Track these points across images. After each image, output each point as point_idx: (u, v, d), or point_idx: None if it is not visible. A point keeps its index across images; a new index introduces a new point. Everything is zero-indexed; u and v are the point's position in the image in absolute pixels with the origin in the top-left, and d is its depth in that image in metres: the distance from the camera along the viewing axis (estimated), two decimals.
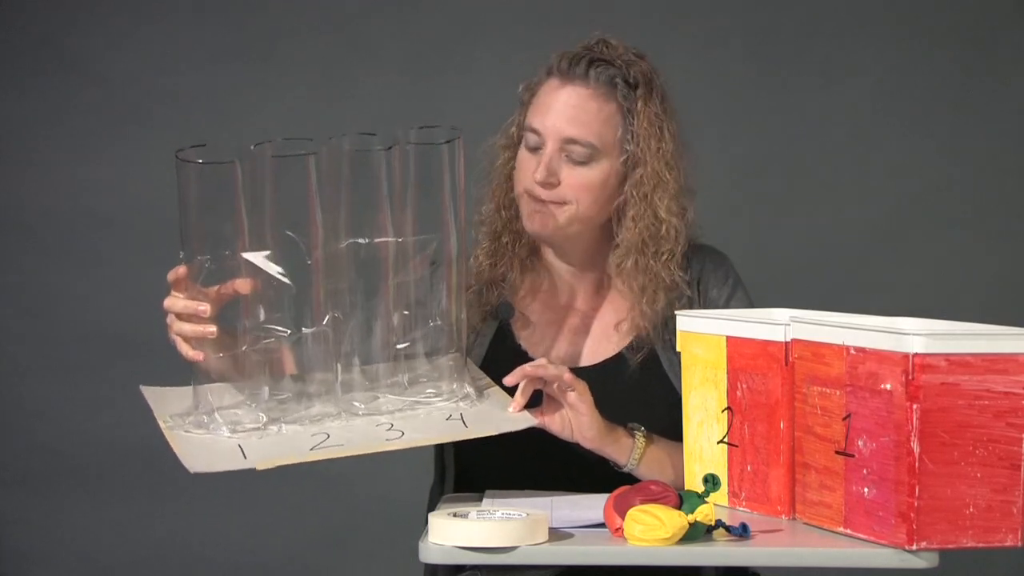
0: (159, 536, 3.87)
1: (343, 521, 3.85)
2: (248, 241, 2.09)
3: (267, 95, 3.80)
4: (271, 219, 2.08)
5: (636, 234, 2.32)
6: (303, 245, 2.10)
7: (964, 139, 3.86)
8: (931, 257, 3.85)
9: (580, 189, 2.30)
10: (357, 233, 2.12)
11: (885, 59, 3.86)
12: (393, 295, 2.16)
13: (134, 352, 3.81)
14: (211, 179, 2.07)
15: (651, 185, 2.31)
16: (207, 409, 2.12)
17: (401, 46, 3.85)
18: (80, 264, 3.86)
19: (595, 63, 2.31)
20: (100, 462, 3.84)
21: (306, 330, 2.12)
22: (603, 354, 2.37)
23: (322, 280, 2.11)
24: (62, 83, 3.84)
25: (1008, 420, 1.81)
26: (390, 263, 2.14)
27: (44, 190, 3.85)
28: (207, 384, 2.14)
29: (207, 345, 2.11)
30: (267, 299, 2.09)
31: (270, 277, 2.09)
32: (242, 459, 2.04)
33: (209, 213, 2.08)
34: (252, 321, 2.10)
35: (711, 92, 3.74)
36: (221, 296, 2.11)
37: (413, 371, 2.19)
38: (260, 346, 2.10)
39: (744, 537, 1.88)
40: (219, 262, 2.09)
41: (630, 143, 2.31)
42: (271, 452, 2.05)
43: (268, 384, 2.12)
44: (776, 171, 3.86)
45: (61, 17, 3.85)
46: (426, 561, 1.86)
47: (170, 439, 2.10)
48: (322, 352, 2.13)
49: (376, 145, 2.11)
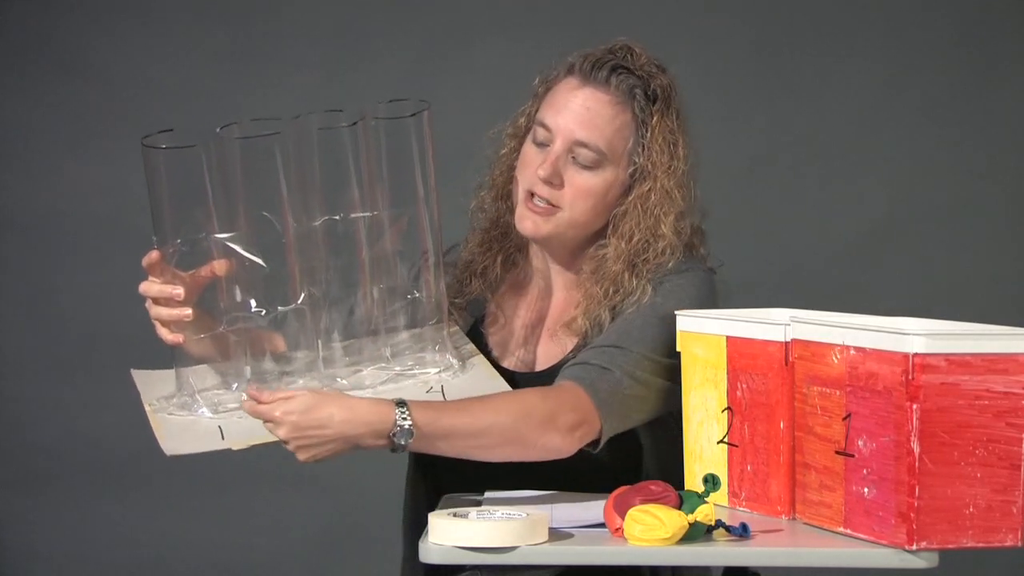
0: (159, 536, 3.87)
1: (342, 521, 3.85)
2: (220, 223, 2.10)
3: (267, 95, 3.80)
4: (242, 201, 2.09)
5: (632, 246, 2.27)
6: (278, 225, 2.11)
7: (964, 139, 3.86)
8: (931, 257, 3.85)
9: (580, 194, 2.27)
10: (331, 210, 2.13)
11: (885, 59, 3.86)
12: (370, 269, 2.16)
13: (134, 352, 3.80)
14: (178, 164, 2.08)
15: (657, 200, 2.26)
16: (190, 391, 2.13)
17: (401, 46, 3.85)
18: (80, 264, 3.86)
19: (617, 70, 2.28)
20: (100, 462, 3.85)
21: (283, 308, 2.12)
22: (553, 358, 2.33)
23: (298, 258, 2.12)
24: (62, 83, 3.84)
25: (1008, 420, 1.81)
26: (364, 238, 2.15)
27: (44, 190, 3.85)
28: (190, 367, 2.15)
29: (186, 328, 2.12)
30: (242, 280, 2.11)
31: (243, 258, 2.10)
32: (219, 440, 2.05)
33: (179, 198, 2.09)
34: (228, 302, 2.11)
35: (711, 92, 3.74)
36: (198, 279, 2.12)
37: (395, 343, 2.19)
38: (237, 327, 2.11)
39: (744, 537, 1.88)
40: (192, 246, 2.10)
41: (640, 156, 2.27)
42: (249, 432, 2.05)
43: (249, 364, 2.13)
44: (776, 171, 3.86)
45: (61, 17, 3.85)
46: (426, 561, 1.86)
47: (152, 422, 2.12)
48: (301, 329, 2.14)
49: (343, 121, 2.11)
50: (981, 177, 3.85)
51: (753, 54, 3.86)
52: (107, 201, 3.84)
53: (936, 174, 3.86)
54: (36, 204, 3.85)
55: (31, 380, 3.85)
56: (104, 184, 3.84)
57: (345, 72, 3.85)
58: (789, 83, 3.86)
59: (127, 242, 3.85)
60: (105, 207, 3.84)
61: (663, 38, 3.78)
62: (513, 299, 2.39)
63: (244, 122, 2.09)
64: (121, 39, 3.85)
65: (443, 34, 3.86)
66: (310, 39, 3.86)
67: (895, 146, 3.87)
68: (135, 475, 3.84)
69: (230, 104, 3.78)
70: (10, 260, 3.86)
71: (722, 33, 3.85)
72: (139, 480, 3.85)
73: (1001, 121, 3.86)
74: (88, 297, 3.85)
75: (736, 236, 2.47)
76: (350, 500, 3.83)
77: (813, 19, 3.86)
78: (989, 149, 3.87)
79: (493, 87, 2.90)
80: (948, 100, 3.86)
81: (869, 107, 3.86)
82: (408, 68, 3.85)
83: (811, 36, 3.86)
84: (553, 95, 2.30)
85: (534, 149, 2.29)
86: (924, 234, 3.86)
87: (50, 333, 3.86)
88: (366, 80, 3.82)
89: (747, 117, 3.84)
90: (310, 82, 3.82)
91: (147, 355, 3.95)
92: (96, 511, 3.86)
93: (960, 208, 3.86)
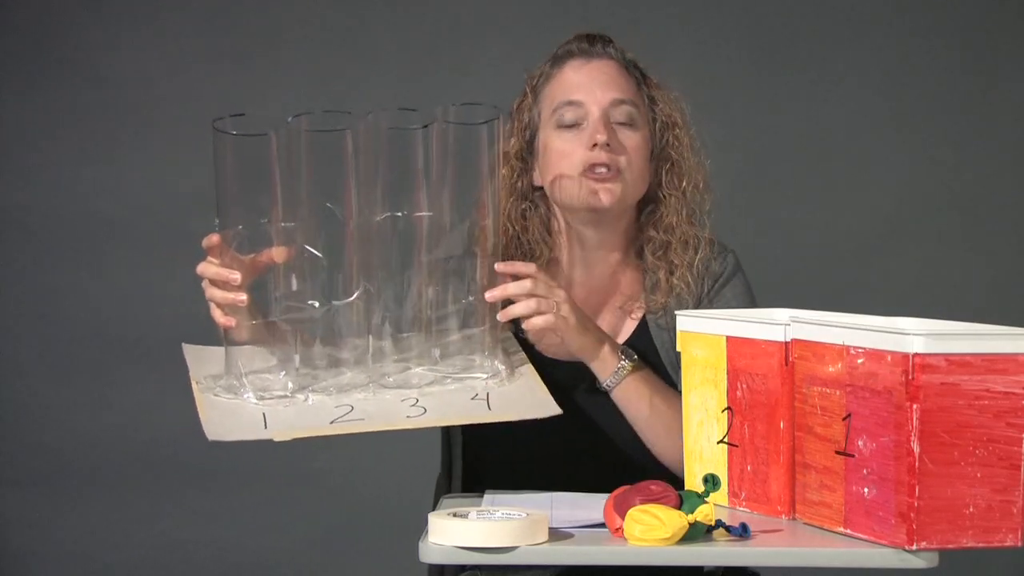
0: (159, 536, 3.87)
1: (343, 521, 3.85)
2: (283, 212, 2.11)
3: (267, 95, 3.80)
4: (307, 191, 2.11)
5: (680, 195, 2.35)
6: (340, 216, 2.12)
7: (964, 139, 3.87)
8: (931, 257, 3.85)
9: (635, 153, 2.31)
10: (394, 207, 2.14)
11: (885, 59, 3.86)
12: (428, 270, 2.17)
13: (134, 352, 3.82)
14: (246, 150, 2.09)
15: (688, 148, 2.36)
16: (237, 373, 2.13)
17: (401, 46, 3.85)
18: (81, 265, 3.86)
19: (608, 42, 2.34)
20: (100, 462, 3.85)
21: (337, 303, 2.13)
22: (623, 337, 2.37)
23: (357, 252, 2.13)
24: (62, 84, 3.84)
25: (1008, 420, 1.81)
26: (425, 238, 2.16)
27: (45, 191, 3.85)
28: (239, 347, 2.15)
29: (239, 312, 2.12)
30: (299, 270, 2.12)
31: (302, 248, 2.11)
32: (262, 429, 2.05)
33: (244, 183, 2.10)
34: (284, 290, 2.12)
35: (711, 92, 3.74)
36: (256, 264, 2.13)
37: (445, 344, 2.20)
38: (290, 316, 2.12)
39: (744, 537, 1.88)
40: (253, 231, 2.11)
41: (656, 112, 2.35)
42: (292, 423, 2.06)
43: (299, 352, 2.14)
44: (776, 171, 3.86)
45: (61, 17, 3.85)
46: (426, 561, 1.86)
47: (198, 401, 2.12)
48: (353, 324, 2.15)
49: (414, 123, 2.13)
50: (981, 177, 3.86)
51: (753, 54, 3.86)
52: (107, 201, 3.84)
53: (936, 174, 3.86)
54: (36, 204, 3.85)
55: (31, 380, 3.85)
56: (104, 184, 3.84)
57: (345, 72, 3.85)
58: (789, 83, 3.86)
59: (127, 242, 3.87)
60: (105, 207, 3.84)
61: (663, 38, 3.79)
62: None
63: (316, 113, 2.10)
64: (121, 39, 3.85)
65: (443, 34, 3.86)
66: (310, 40, 3.86)
67: (895, 146, 3.87)
68: (135, 475, 3.84)
69: (230, 104, 3.78)
70: (10, 260, 3.86)
71: (722, 33, 3.85)
72: (139, 480, 3.85)
73: (1001, 121, 3.86)
74: (88, 297, 3.85)
75: (736, 236, 2.48)
76: (351, 500, 3.83)
77: (813, 19, 3.86)
78: (989, 149, 3.87)
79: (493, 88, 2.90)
80: (948, 100, 3.86)
81: (869, 107, 3.86)
82: (408, 68, 3.85)
83: (811, 36, 3.86)
84: (561, 81, 2.33)
85: (567, 135, 2.31)
86: (924, 234, 3.86)
87: (50, 333, 3.86)
88: (366, 80, 3.82)
89: (747, 117, 3.84)
90: (310, 82, 3.82)
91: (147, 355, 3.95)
92: (96, 511, 3.86)
93: (960, 208, 3.86)
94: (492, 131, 2.15)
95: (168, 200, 3.80)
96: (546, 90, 2.35)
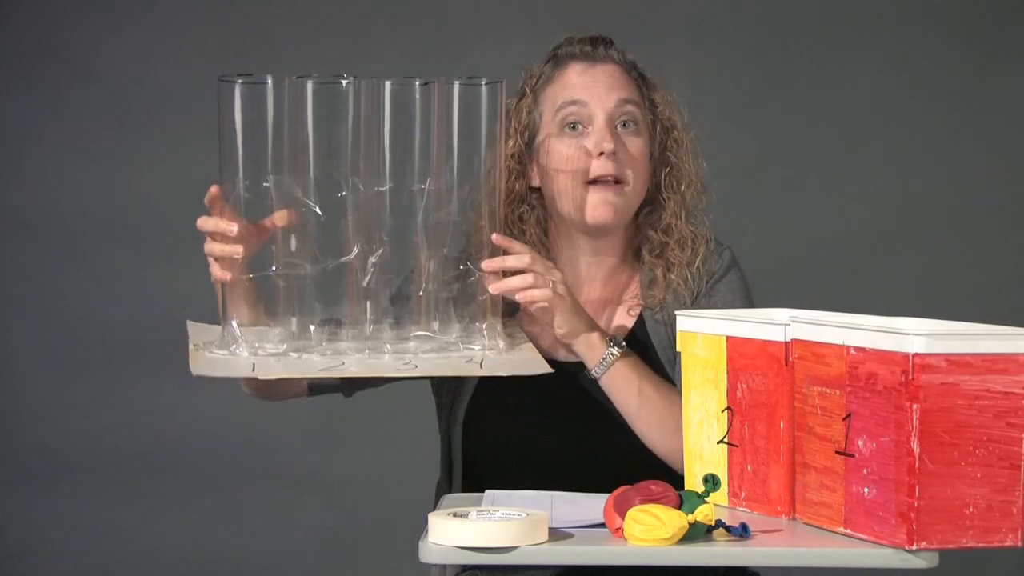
0: (159, 536, 3.87)
1: (343, 521, 3.85)
2: (286, 168, 2.12)
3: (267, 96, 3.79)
4: (310, 150, 2.12)
5: (679, 198, 2.34)
6: (343, 182, 2.13)
7: (964, 139, 3.86)
8: (931, 257, 3.85)
9: (638, 160, 2.31)
10: (396, 174, 2.14)
11: (885, 59, 3.86)
12: (427, 238, 2.17)
13: (134, 352, 3.82)
14: (249, 104, 2.13)
15: (687, 150, 2.35)
16: (233, 334, 2.15)
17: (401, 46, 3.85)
18: (80, 264, 3.86)
19: (609, 44, 2.33)
20: (100, 462, 3.85)
21: (334, 261, 2.14)
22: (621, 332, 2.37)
23: (356, 215, 2.14)
24: (61, 83, 3.84)
25: (1008, 420, 1.81)
26: (424, 207, 2.16)
27: (43, 190, 3.85)
28: (236, 322, 2.16)
29: (235, 267, 2.13)
30: (297, 228, 2.13)
31: (300, 202, 2.12)
32: (249, 369, 2.08)
33: (246, 138, 2.12)
34: (282, 249, 2.13)
35: (711, 92, 3.74)
36: (261, 229, 2.14)
37: (445, 316, 2.20)
38: (287, 271, 2.13)
39: (744, 537, 1.88)
40: (254, 188, 2.13)
41: (655, 115, 2.35)
42: (281, 368, 2.09)
43: (295, 316, 2.14)
44: (776, 171, 3.86)
45: (61, 17, 3.85)
46: (426, 561, 1.86)
47: (191, 355, 2.14)
48: (349, 285, 2.15)
49: (415, 80, 2.17)
50: (981, 177, 3.86)
51: (753, 54, 3.86)
52: (107, 201, 3.84)
53: (936, 174, 3.86)
54: (37, 204, 3.85)
55: (31, 380, 3.85)
56: (104, 184, 3.84)
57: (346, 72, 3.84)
58: (789, 83, 3.86)
59: (127, 242, 3.87)
60: (105, 207, 3.84)
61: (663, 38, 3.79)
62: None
63: (322, 77, 2.15)
64: (122, 40, 3.85)
65: (443, 34, 3.86)
66: (310, 40, 3.86)
67: (895, 146, 3.87)
68: (135, 475, 3.84)
69: None
70: (11, 260, 3.86)
71: (722, 33, 3.85)
72: (139, 480, 3.85)
73: (1001, 121, 3.86)
74: (88, 297, 3.85)
75: (736, 236, 2.48)
76: (351, 500, 3.83)
77: (813, 19, 3.86)
78: (990, 149, 3.87)
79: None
80: (948, 100, 3.86)
81: (869, 107, 3.86)
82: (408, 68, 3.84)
83: (811, 36, 3.86)
84: (564, 83, 2.32)
85: (569, 140, 2.30)
86: (924, 234, 3.86)
87: (50, 333, 3.86)
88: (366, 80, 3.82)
89: (747, 117, 3.84)
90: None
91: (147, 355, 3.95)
92: (96, 511, 3.86)
93: (960, 208, 3.86)
94: (495, 94, 2.15)
95: (168, 200, 3.80)
96: (547, 91, 2.34)
